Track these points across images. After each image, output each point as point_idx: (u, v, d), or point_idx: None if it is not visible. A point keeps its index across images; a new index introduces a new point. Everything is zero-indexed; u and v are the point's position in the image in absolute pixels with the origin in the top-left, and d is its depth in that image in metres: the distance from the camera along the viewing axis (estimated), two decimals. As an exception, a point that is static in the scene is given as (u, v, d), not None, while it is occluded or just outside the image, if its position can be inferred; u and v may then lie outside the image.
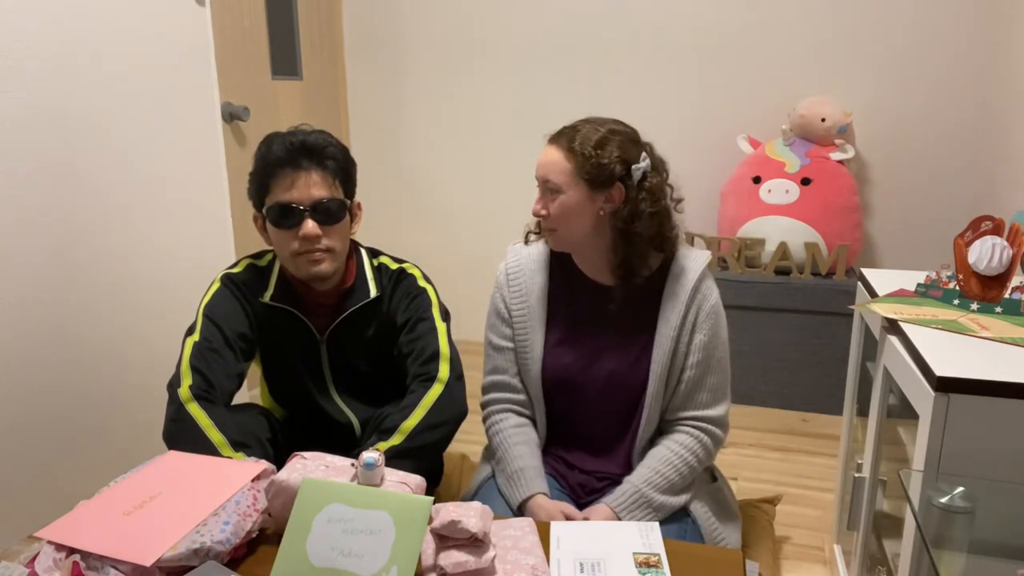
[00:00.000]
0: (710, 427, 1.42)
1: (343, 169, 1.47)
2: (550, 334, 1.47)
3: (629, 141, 1.38)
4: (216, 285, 1.51)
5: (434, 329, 1.50)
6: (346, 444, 1.49)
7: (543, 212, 1.39)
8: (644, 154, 1.39)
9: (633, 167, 1.36)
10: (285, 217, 1.41)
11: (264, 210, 1.44)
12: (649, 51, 3.08)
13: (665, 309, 1.42)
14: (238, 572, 1.02)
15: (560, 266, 1.49)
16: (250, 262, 1.56)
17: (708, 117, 3.07)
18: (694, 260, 1.44)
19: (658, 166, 1.42)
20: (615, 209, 1.37)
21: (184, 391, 1.36)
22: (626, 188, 1.37)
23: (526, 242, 1.54)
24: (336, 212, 1.44)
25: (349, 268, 1.53)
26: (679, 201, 1.45)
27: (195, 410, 1.34)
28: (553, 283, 1.49)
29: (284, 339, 1.53)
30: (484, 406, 1.53)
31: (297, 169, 1.40)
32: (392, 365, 1.53)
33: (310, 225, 1.40)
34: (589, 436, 1.49)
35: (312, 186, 1.41)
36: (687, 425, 1.42)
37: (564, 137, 1.38)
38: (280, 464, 1.19)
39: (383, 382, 1.56)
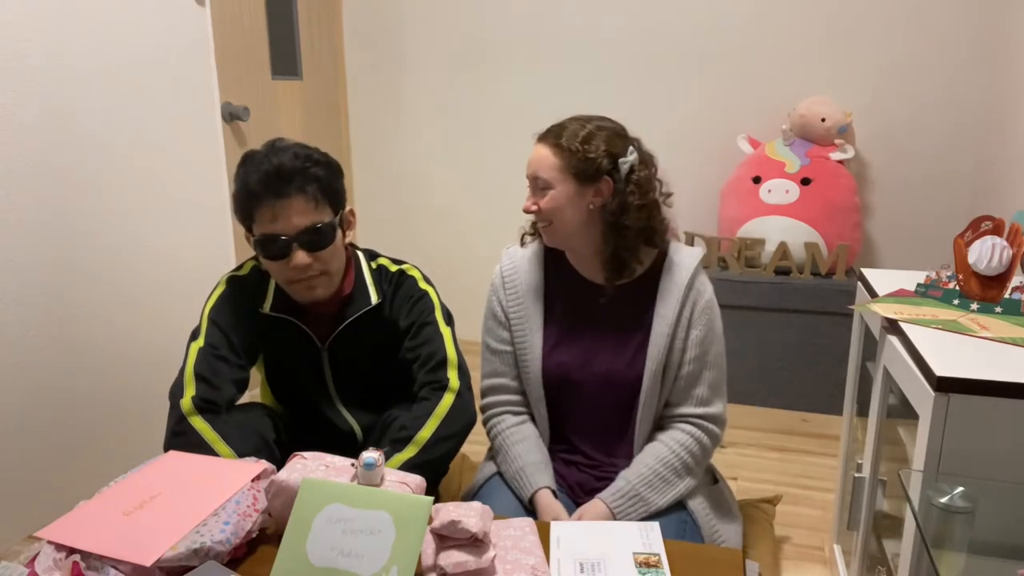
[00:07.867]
0: (708, 424, 1.42)
1: (328, 186, 1.39)
2: (548, 334, 1.48)
3: (615, 136, 1.40)
4: (221, 287, 1.49)
5: (439, 334, 1.49)
6: (348, 451, 1.47)
7: (534, 208, 1.41)
8: (631, 148, 1.40)
9: (620, 161, 1.38)
10: (273, 248, 1.37)
11: (252, 240, 1.40)
12: (649, 51, 3.08)
13: (660, 306, 1.42)
14: (238, 572, 1.02)
15: (555, 265, 1.50)
16: (255, 264, 1.53)
17: (708, 117, 3.06)
18: (687, 256, 1.45)
19: (646, 160, 1.43)
20: (604, 202, 1.39)
21: (187, 403, 1.34)
22: (614, 181, 1.38)
23: (522, 244, 1.55)
24: (325, 236, 1.38)
25: (348, 275, 1.51)
26: (668, 195, 1.46)
27: (199, 424, 1.33)
28: (548, 282, 1.50)
29: (285, 347, 1.51)
30: (483, 409, 1.54)
31: (277, 198, 1.33)
32: (395, 370, 1.52)
33: (300, 256, 1.36)
34: (588, 433, 1.49)
35: (295, 215, 1.34)
36: (685, 422, 1.43)
37: (551, 134, 1.40)
38: (281, 464, 1.19)
39: (386, 388, 1.55)
